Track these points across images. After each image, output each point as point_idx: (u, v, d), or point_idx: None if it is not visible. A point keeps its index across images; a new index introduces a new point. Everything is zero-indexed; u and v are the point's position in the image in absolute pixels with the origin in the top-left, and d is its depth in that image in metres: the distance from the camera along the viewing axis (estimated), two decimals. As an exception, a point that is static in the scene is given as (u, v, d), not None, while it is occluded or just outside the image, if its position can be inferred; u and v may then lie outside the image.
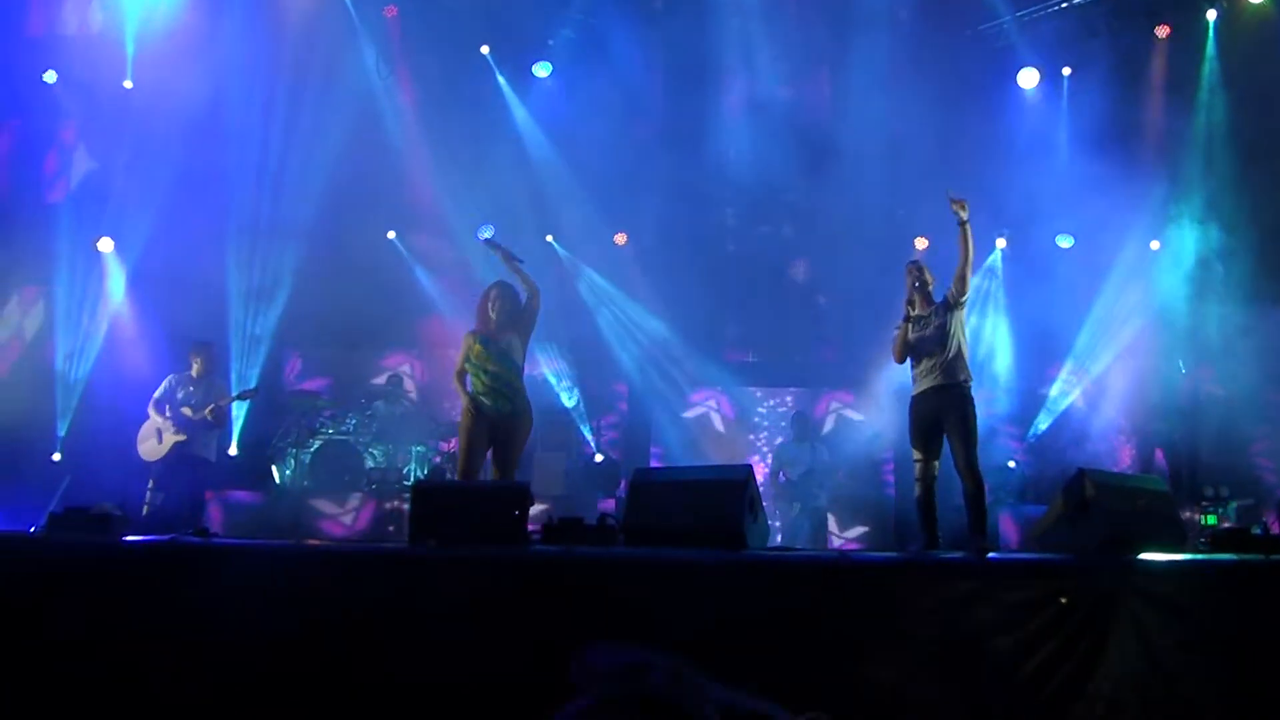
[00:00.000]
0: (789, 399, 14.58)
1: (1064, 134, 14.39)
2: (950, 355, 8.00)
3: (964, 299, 8.11)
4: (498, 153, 14.07)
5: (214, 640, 5.98)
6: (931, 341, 8.04)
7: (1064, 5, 14.14)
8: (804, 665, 5.68)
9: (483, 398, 8.55)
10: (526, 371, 8.90)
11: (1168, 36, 14.14)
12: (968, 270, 8.06)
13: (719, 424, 14.54)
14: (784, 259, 15.38)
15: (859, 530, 13.50)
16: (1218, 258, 13.14)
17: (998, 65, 14.57)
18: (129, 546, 6.74)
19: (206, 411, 10.26)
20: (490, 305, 8.69)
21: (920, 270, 8.33)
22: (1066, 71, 14.39)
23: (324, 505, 12.14)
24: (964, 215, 7.95)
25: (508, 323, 8.65)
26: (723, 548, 6.36)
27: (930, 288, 8.30)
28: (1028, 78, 14.35)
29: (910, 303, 8.24)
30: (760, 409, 14.72)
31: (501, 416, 8.54)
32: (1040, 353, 13.59)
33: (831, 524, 13.14)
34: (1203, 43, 13.90)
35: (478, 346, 8.61)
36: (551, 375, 13.65)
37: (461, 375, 8.67)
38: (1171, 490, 11.50)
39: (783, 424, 14.18)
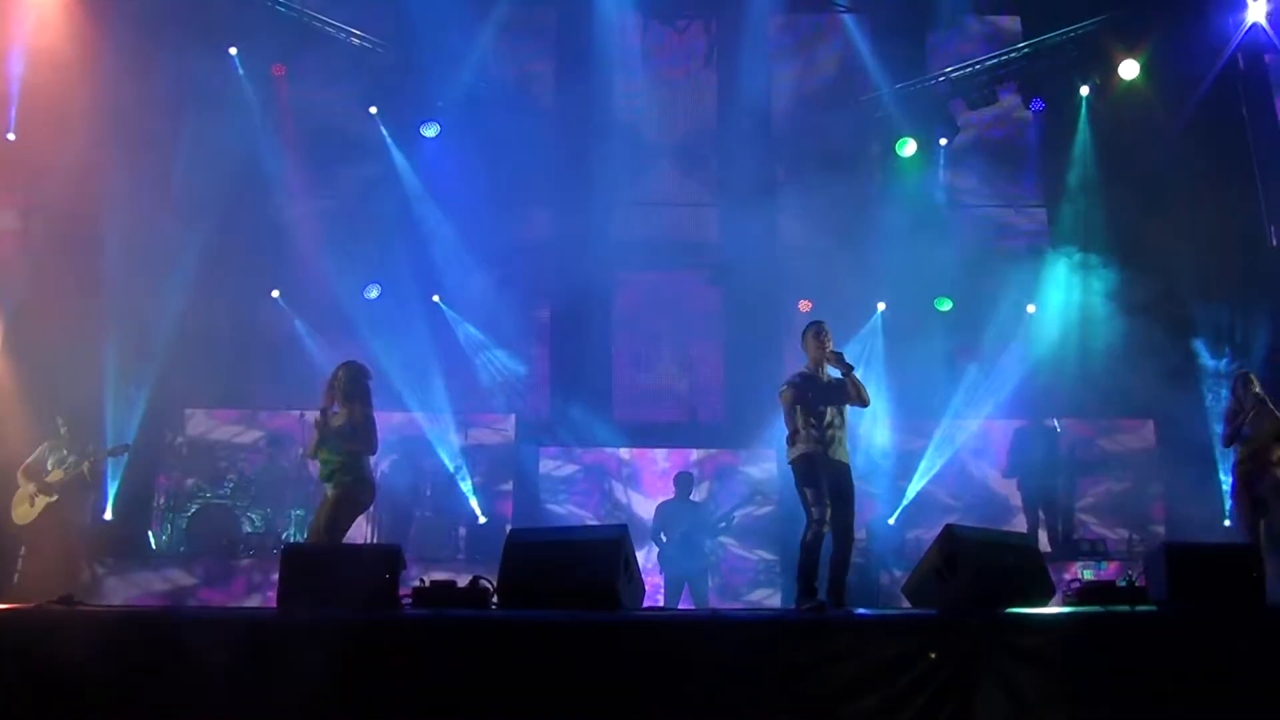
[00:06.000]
0: (692, 457, 14.35)
1: (942, 201, 14.89)
2: (847, 429, 8.00)
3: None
4: (384, 212, 13.99)
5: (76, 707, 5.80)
6: (838, 412, 7.92)
7: (940, 79, 14.65)
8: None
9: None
10: (402, 434, 8.76)
11: (1043, 110, 14.71)
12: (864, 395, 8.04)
13: (617, 489, 14.35)
14: (670, 322, 15.43)
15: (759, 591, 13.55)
16: (1093, 318, 13.51)
17: (876, 135, 15.02)
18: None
19: (85, 468, 10.16)
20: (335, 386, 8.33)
21: (828, 335, 8.13)
22: (944, 142, 14.89)
23: (200, 571, 11.73)
24: (847, 367, 7.92)
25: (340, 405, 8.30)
26: (598, 608, 6.31)
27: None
28: (907, 148, 14.75)
29: (818, 364, 8.03)
30: (650, 468, 14.53)
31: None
32: (918, 414, 13.78)
33: (724, 583, 13.18)
34: (1076, 115, 14.44)
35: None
36: (434, 436, 13.42)
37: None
38: (1049, 546, 11.89)
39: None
